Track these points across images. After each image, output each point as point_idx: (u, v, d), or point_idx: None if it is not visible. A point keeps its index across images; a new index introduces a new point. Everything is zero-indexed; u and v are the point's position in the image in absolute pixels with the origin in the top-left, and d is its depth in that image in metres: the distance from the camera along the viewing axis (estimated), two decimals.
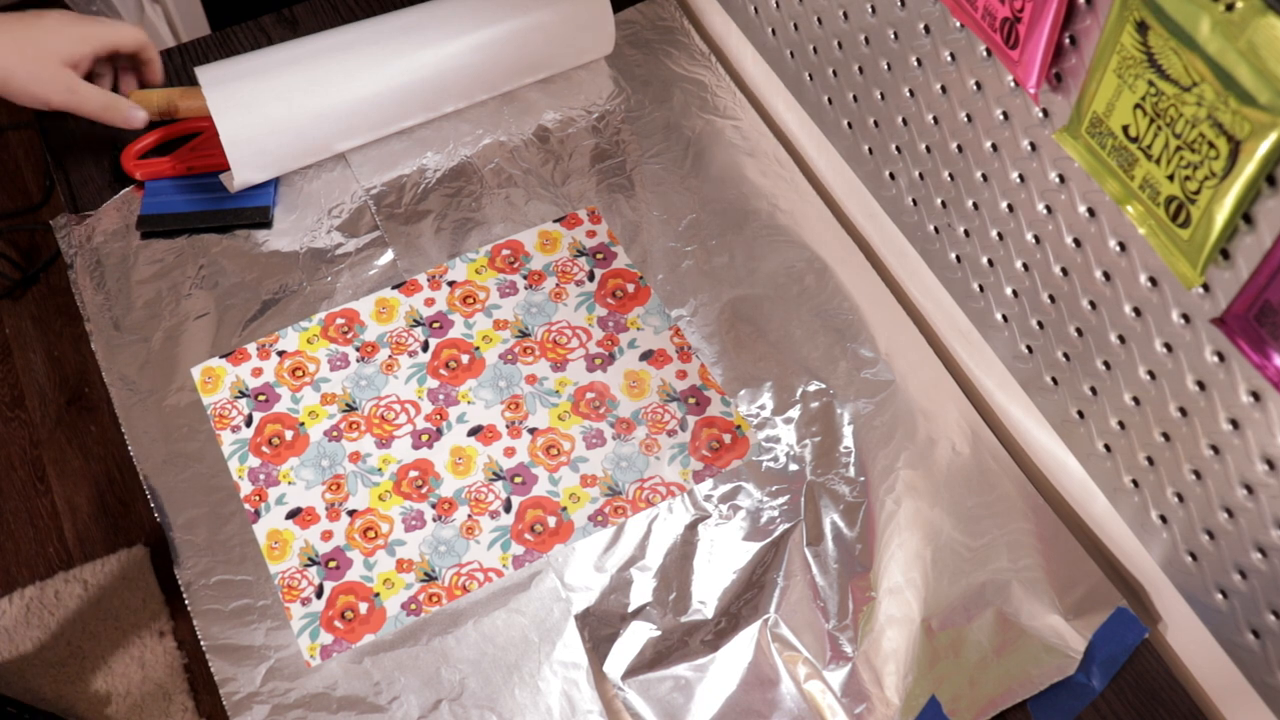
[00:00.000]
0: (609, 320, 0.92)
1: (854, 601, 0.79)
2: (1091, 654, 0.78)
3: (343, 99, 0.95)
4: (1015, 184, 0.74)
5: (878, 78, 0.83)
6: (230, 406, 0.87)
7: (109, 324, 0.90)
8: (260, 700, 0.75)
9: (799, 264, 0.95)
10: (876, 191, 0.90)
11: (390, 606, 0.79)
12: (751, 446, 0.86)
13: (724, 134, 1.02)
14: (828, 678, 0.77)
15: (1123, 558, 0.82)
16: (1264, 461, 0.63)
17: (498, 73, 1.01)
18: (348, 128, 0.97)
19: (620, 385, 0.88)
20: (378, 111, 0.97)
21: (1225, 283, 0.60)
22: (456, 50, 0.98)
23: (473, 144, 1.01)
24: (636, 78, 1.06)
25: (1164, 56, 0.56)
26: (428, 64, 0.97)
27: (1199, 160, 0.57)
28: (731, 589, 0.80)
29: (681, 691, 0.76)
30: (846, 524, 0.83)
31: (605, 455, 0.85)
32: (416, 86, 0.98)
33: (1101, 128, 0.63)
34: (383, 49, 0.96)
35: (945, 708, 0.76)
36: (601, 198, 0.98)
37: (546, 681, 0.76)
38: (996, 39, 0.68)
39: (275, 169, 0.96)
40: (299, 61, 0.94)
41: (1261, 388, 0.61)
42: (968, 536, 0.82)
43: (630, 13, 1.10)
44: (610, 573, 0.80)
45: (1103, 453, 0.77)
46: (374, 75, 0.96)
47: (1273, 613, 0.67)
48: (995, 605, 0.79)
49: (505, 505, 0.83)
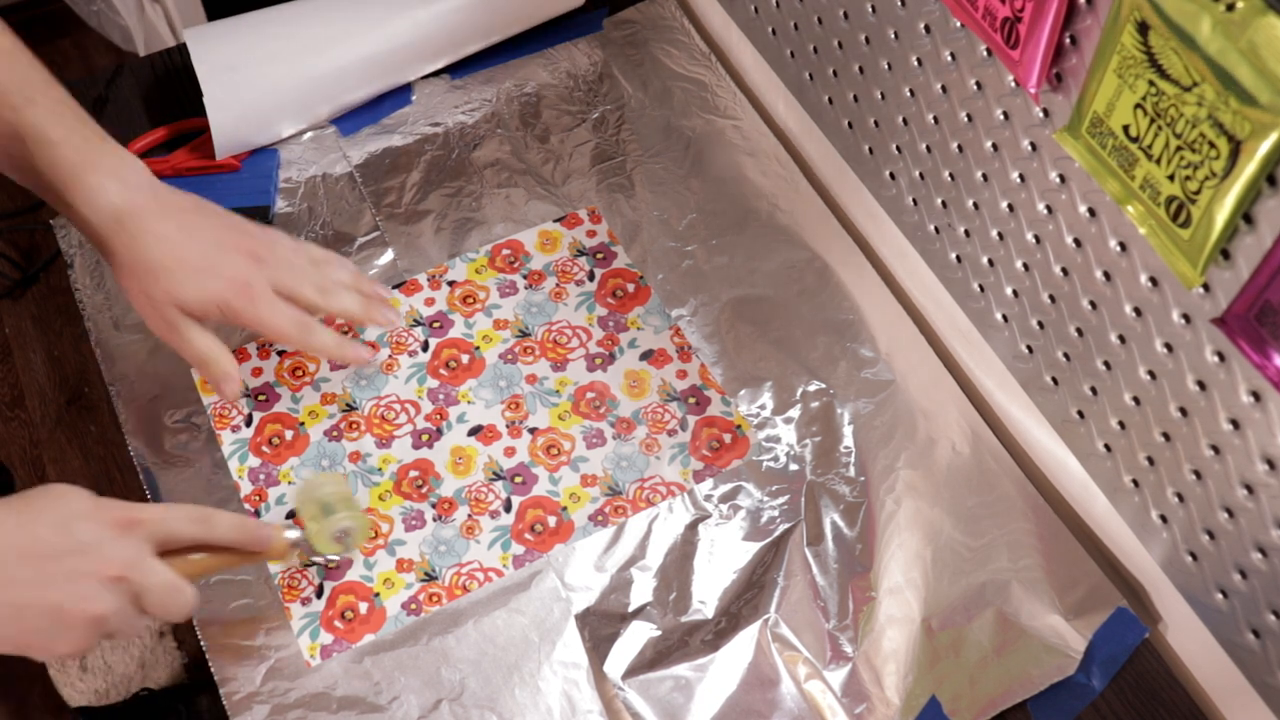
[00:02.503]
0: (609, 320, 0.92)
1: (854, 601, 0.79)
2: (1091, 654, 0.78)
3: (329, 57, 0.98)
4: (1016, 184, 0.74)
5: (878, 78, 0.83)
6: (230, 406, 0.87)
7: (109, 324, 0.90)
8: (260, 700, 0.75)
9: (799, 264, 0.95)
10: (876, 191, 0.90)
11: (390, 606, 0.79)
12: (752, 446, 0.86)
13: (724, 134, 1.02)
14: (828, 678, 0.77)
15: (1123, 558, 0.82)
16: (1264, 461, 0.63)
17: (478, 25, 1.02)
18: (335, 87, 0.99)
19: (620, 385, 0.88)
20: (363, 69, 0.99)
21: (1225, 283, 0.60)
22: (438, 6, 1.00)
23: (473, 143, 1.01)
24: (636, 78, 1.06)
25: (1164, 56, 0.56)
26: (409, 21, 1.00)
27: (1199, 160, 0.57)
28: (732, 589, 0.80)
29: (682, 691, 0.76)
30: (847, 524, 0.83)
31: (605, 455, 0.85)
32: (405, 42, 1.00)
33: (1102, 128, 0.63)
34: (367, 7, 0.98)
35: (945, 708, 0.76)
36: (601, 198, 0.98)
37: (547, 681, 0.76)
38: (997, 39, 0.68)
39: (257, 125, 0.97)
40: (278, 23, 0.97)
41: (1262, 388, 0.61)
42: (968, 536, 0.82)
43: (630, 12, 1.10)
44: (610, 573, 0.80)
45: (1103, 453, 0.77)
46: (360, 30, 0.98)
47: (1273, 613, 0.67)
48: (995, 605, 0.79)
49: (505, 505, 0.83)
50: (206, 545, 0.71)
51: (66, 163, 0.75)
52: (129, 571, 0.65)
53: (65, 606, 0.63)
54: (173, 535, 0.69)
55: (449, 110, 1.03)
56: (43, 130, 0.74)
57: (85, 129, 0.76)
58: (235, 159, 0.97)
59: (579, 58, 1.07)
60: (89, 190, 0.75)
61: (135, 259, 0.76)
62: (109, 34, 1.77)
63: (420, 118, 1.02)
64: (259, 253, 0.79)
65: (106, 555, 0.65)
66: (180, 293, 0.76)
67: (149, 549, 0.67)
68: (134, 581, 0.65)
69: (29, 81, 0.75)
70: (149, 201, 0.76)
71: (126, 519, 0.66)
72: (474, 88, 1.04)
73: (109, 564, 0.64)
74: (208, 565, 0.72)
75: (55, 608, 0.63)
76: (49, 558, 0.63)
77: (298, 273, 0.81)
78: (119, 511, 0.66)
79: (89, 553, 0.64)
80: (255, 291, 0.78)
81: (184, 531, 0.69)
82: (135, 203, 0.76)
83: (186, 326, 0.77)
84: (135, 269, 0.76)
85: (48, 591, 0.63)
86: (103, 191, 0.75)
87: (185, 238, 0.77)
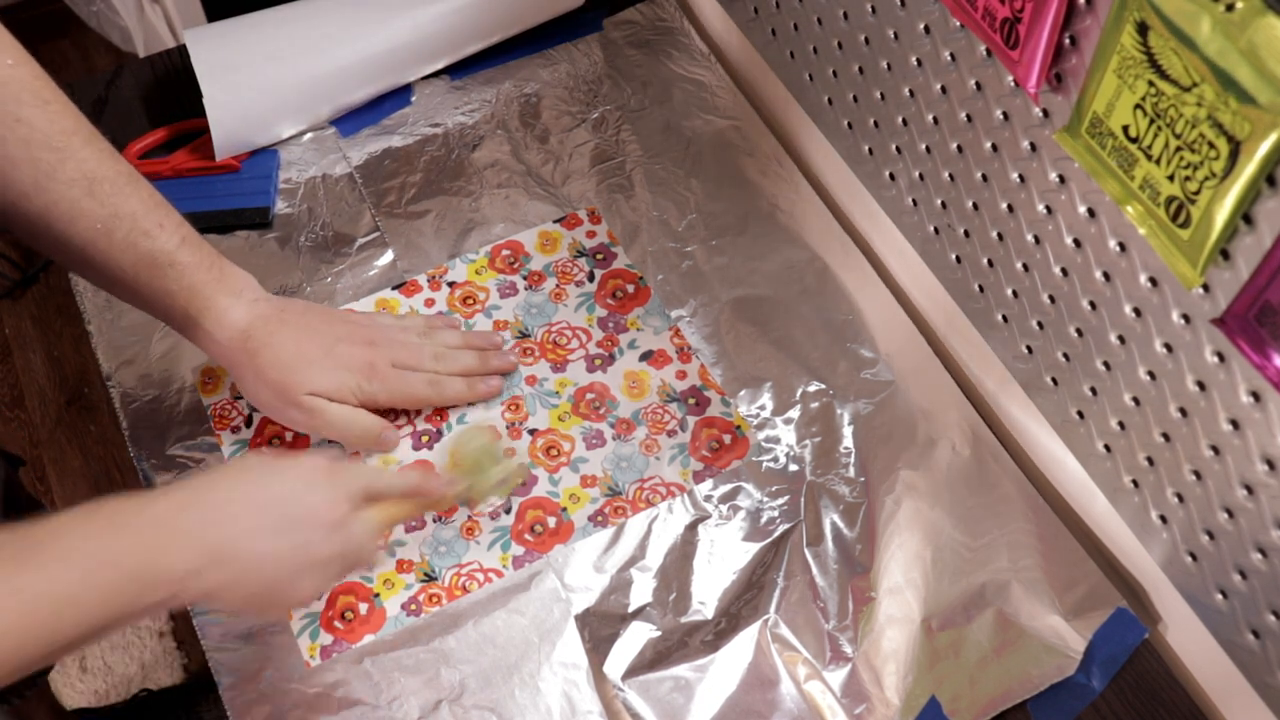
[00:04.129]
0: (609, 321, 0.92)
1: (854, 602, 0.79)
2: (1091, 654, 0.78)
3: (329, 57, 0.98)
4: (1015, 184, 0.74)
5: (878, 78, 0.83)
6: (230, 406, 0.87)
7: (109, 324, 0.90)
8: (260, 701, 0.75)
9: (799, 264, 0.95)
10: (876, 191, 0.90)
11: (390, 607, 0.79)
12: (751, 447, 0.86)
13: (724, 134, 1.02)
14: (828, 678, 0.77)
15: (1123, 558, 0.82)
16: (1264, 461, 0.63)
17: (478, 25, 1.03)
18: (335, 88, 0.99)
19: (620, 386, 0.88)
20: (363, 69, 1.00)
21: (1225, 283, 0.60)
22: (438, 6, 1.01)
23: (473, 143, 1.01)
24: (636, 78, 1.06)
25: (1164, 57, 0.56)
26: (409, 21, 1.00)
27: (1199, 160, 0.57)
28: (731, 589, 0.80)
29: (681, 692, 0.76)
30: (846, 524, 0.83)
31: (605, 456, 0.85)
32: (405, 42, 1.01)
33: (1101, 128, 0.63)
34: (367, 7, 0.98)
35: (945, 708, 0.76)
36: (601, 198, 0.98)
37: (546, 682, 0.76)
38: (996, 39, 0.68)
39: (258, 124, 0.97)
40: (278, 23, 0.97)
41: (1261, 388, 0.61)
42: (968, 536, 0.82)
43: (630, 13, 1.10)
44: (610, 573, 0.80)
45: (1103, 453, 0.77)
46: (360, 31, 0.99)
47: (1273, 613, 0.67)
48: (995, 605, 0.79)
49: (505, 506, 0.83)
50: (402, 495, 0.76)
51: (199, 283, 0.78)
52: (347, 517, 0.71)
53: (305, 550, 0.69)
54: (375, 481, 0.74)
55: (449, 111, 1.03)
56: (174, 254, 0.77)
57: (205, 247, 0.80)
58: (235, 160, 0.97)
59: (579, 58, 1.07)
60: (220, 312, 0.79)
61: (265, 364, 0.79)
62: (108, 34, 1.77)
63: (420, 118, 1.02)
64: (372, 338, 0.84)
65: (331, 498, 0.71)
66: (315, 384, 0.80)
67: (359, 497, 0.72)
68: (350, 525, 0.71)
69: (156, 204, 0.77)
70: (269, 311, 0.80)
71: (334, 466, 0.72)
72: (474, 88, 1.04)
73: (334, 506, 0.70)
74: (394, 516, 0.76)
75: (297, 550, 0.69)
76: (281, 509, 0.69)
77: (412, 347, 0.85)
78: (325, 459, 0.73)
79: (314, 500, 0.70)
80: (381, 371, 0.83)
81: (383, 479, 0.75)
82: (259, 314, 0.80)
83: (324, 406, 0.81)
84: (266, 374, 0.80)
85: (287, 536, 0.68)
86: (231, 311, 0.79)
87: (306, 338, 0.81)
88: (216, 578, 0.65)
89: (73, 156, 0.74)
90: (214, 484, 0.69)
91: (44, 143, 0.73)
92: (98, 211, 0.75)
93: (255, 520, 0.68)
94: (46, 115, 0.73)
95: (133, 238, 0.76)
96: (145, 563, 0.62)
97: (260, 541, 0.67)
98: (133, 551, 0.62)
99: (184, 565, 0.63)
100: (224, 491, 0.68)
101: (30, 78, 0.73)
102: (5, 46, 0.73)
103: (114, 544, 0.62)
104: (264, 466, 0.71)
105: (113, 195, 0.75)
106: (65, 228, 0.75)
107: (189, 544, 0.64)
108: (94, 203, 0.74)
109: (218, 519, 0.66)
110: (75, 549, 0.60)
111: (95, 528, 0.62)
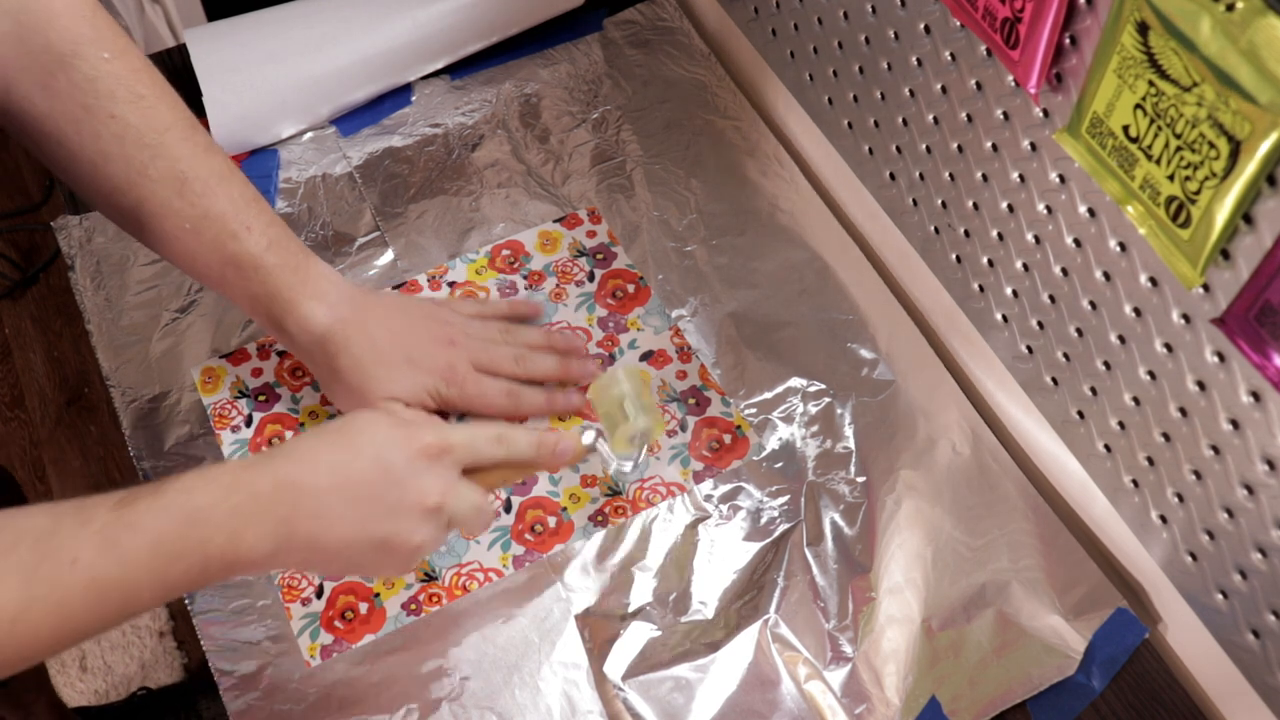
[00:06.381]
0: (609, 320, 0.92)
1: (854, 601, 0.79)
2: (1091, 654, 0.78)
3: (329, 57, 0.98)
4: (1015, 184, 0.74)
5: (878, 78, 0.83)
6: (230, 406, 0.87)
7: (109, 324, 0.90)
8: (260, 700, 0.75)
9: (799, 264, 0.95)
10: (876, 191, 0.90)
11: (390, 607, 0.79)
12: (752, 447, 0.86)
13: (724, 134, 1.02)
14: (828, 678, 0.77)
15: (1123, 558, 0.82)
16: (1264, 461, 0.63)
17: (478, 25, 1.03)
18: (335, 87, 0.99)
19: None
20: (363, 69, 1.00)
21: (1225, 283, 0.60)
22: (438, 6, 1.01)
23: (473, 143, 1.01)
24: (636, 78, 1.06)
25: (1164, 57, 0.56)
26: (409, 21, 1.00)
27: (1199, 160, 0.57)
28: (732, 589, 0.80)
29: (681, 692, 0.76)
30: (847, 524, 0.83)
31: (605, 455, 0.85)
32: (405, 42, 1.01)
33: (1102, 128, 0.63)
34: (367, 7, 0.99)
35: (945, 708, 0.76)
36: (601, 198, 0.98)
37: (546, 682, 0.76)
38: (997, 39, 0.68)
39: (256, 120, 0.98)
40: (278, 23, 0.97)
41: (1261, 388, 0.61)
42: (968, 536, 0.82)
43: (630, 13, 1.10)
44: (610, 573, 0.80)
45: (1103, 453, 0.77)
46: (360, 30, 0.99)
47: (1273, 613, 0.67)
48: (995, 605, 0.79)
49: (505, 505, 0.83)
50: (506, 462, 0.73)
51: (283, 287, 0.77)
52: (444, 499, 0.68)
53: (389, 540, 0.67)
54: (478, 458, 0.71)
55: (449, 111, 1.03)
56: (260, 258, 0.77)
57: (292, 246, 0.79)
58: (235, 159, 0.97)
59: (579, 58, 1.07)
60: (301, 317, 0.78)
61: (343, 369, 0.79)
62: None
63: (420, 118, 1.02)
64: (453, 337, 0.83)
65: (423, 487, 0.67)
66: (394, 390, 0.79)
67: (457, 473, 0.70)
68: (448, 507, 0.68)
69: (246, 204, 0.77)
70: (349, 314, 0.79)
71: (438, 446, 0.69)
72: (474, 88, 1.04)
73: (426, 495, 0.67)
74: (506, 477, 0.74)
75: (380, 542, 0.67)
76: (370, 498, 0.66)
77: (493, 349, 0.84)
78: (430, 437, 0.69)
79: (407, 486, 0.67)
80: (460, 374, 0.82)
81: (487, 453, 0.72)
82: (339, 318, 0.79)
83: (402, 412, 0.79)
84: (344, 378, 0.79)
85: (371, 527, 0.66)
86: (313, 317, 0.78)
87: (387, 340, 0.80)
88: (297, 560, 0.66)
89: (165, 154, 0.73)
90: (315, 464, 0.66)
91: (137, 139, 0.72)
92: (187, 212, 0.74)
93: (345, 511, 0.65)
94: (140, 110, 0.72)
95: (220, 239, 0.75)
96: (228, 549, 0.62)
97: (347, 529, 0.65)
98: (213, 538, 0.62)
99: (265, 550, 0.63)
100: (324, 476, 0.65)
101: (126, 72, 0.72)
102: (104, 39, 0.72)
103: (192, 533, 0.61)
104: (369, 439, 0.67)
105: (202, 196, 0.74)
106: (158, 225, 0.74)
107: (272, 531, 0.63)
108: (183, 203, 0.74)
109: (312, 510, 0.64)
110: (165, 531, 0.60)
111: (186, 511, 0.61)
